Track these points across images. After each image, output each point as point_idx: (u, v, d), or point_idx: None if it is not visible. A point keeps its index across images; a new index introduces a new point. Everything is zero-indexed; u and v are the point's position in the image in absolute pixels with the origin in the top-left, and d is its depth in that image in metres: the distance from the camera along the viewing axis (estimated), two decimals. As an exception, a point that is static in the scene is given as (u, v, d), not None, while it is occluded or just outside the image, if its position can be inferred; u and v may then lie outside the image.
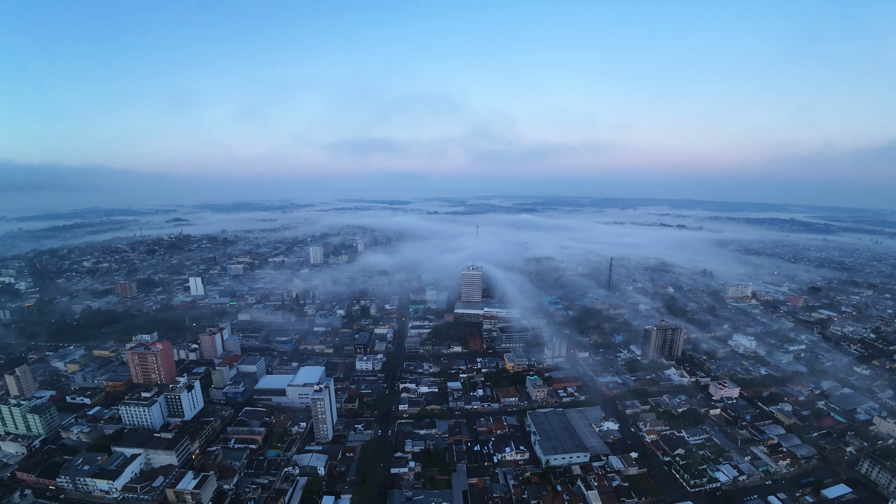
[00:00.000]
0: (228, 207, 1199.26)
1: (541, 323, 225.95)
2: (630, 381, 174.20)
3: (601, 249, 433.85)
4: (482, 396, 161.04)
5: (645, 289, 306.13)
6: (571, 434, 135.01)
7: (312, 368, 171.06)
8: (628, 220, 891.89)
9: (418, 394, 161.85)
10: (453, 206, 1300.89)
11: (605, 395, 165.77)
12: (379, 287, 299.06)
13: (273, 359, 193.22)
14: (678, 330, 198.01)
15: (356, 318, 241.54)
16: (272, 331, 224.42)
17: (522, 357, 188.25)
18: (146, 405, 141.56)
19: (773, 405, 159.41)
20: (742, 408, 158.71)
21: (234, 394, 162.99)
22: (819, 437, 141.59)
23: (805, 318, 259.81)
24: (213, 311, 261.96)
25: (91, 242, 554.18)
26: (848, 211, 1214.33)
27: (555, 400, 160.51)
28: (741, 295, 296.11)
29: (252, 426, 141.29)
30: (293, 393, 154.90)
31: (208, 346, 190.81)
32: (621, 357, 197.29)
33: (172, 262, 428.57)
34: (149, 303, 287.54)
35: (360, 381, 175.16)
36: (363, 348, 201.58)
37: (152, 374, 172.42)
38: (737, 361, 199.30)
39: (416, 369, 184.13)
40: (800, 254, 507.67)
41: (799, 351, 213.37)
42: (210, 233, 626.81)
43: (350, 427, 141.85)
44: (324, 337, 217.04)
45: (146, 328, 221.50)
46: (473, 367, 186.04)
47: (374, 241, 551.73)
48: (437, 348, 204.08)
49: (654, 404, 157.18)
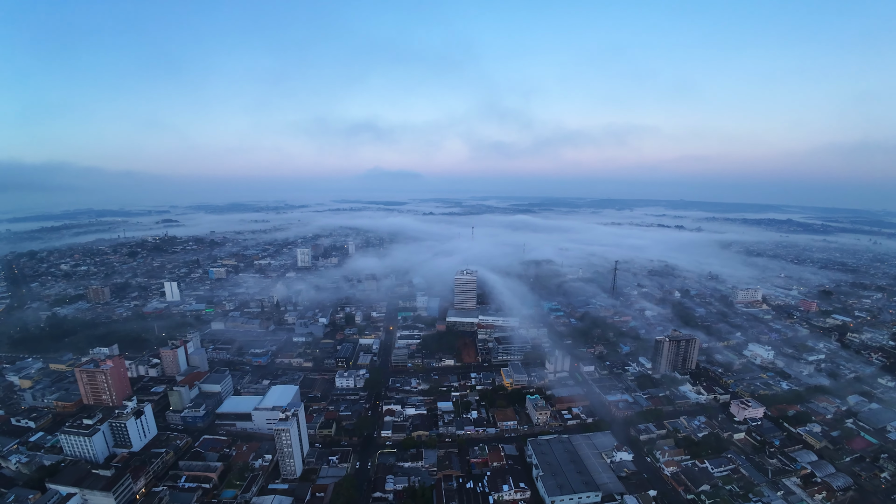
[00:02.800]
0: (222, 208, 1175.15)
1: (541, 333, 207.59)
2: (642, 399, 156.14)
3: (602, 251, 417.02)
4: (476, 419, 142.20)
5: (651, 294, 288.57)
6: (579, 467, 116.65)
7: (285, 388, 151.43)
8: (626, 221, 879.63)
9: (404, 417, 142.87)
10: (449, 206, 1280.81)
11: (614, 416, 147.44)
12: (367, 292, 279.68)
13: (244, 375, 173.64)
14: (693, 340, 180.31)
15: (340, 327, 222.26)
16: (247, 342, 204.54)
17: (521, 372, 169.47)
18: (87, 434, 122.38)
19: (801, 426, 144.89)
20: (768, 430, 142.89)
21: (194, 418, 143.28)
22: (852, 462, 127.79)
23: (820, 325, 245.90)
24: (187, 319, 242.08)
25: (73, 244, 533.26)
26: (843, 212, 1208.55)
27: (559, 423, 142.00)
28: (752, 300, 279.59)
29: (209, 459, 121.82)
30: (260, 418, 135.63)
31: (170, 361, 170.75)
32: (630, 371, 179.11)
33: (154, 264, 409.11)
34: (120, 310, 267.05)
35: (339, 400, 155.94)
36: (345, 362, 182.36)
37: (103, 395, 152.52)
38: (755, 374, 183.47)
39: (403, 386, 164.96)
40: (802, 255, 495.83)
41: (819, 361, 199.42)
42: (198, 234, 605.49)
43: (323, 459, 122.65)
44: (303, 349, 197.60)
45: (110, 339, 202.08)
46: (467, 384, 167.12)
47: (366, 242, 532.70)
48: (427, 361, 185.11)
49: (672, 429, 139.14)
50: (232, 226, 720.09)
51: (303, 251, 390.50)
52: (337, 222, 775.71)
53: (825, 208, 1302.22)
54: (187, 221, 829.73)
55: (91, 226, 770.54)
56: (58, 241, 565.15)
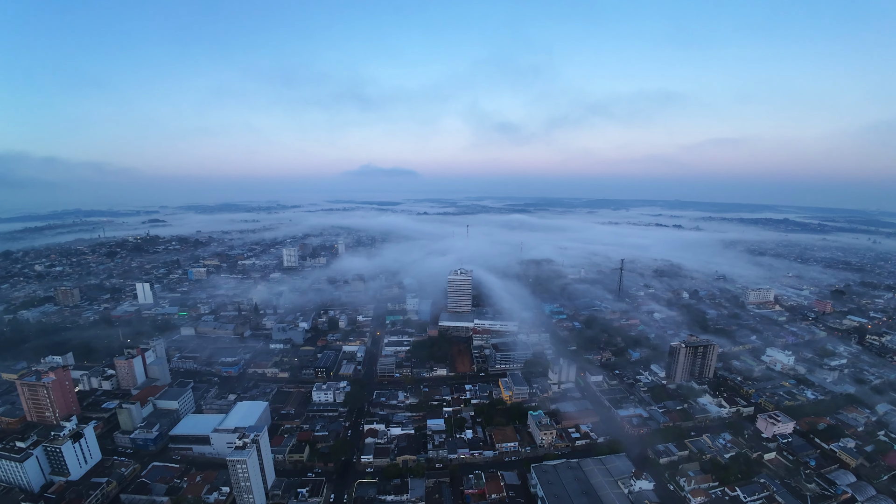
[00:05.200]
0: (213, 209, 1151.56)
1: (542, 338, 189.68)
2: (658, 413, 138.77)
3: (604, 251, 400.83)
4: (471, 440, 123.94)
5: (658, 295, 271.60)
6: (593, 499, 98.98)
7: (252, 405, 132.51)
8: (623, 221, 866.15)
9: (389, 437, 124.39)
10: (444, 206, 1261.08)
11: (628, 434, 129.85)
12: (353, 294, 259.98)
13: (210, 388, 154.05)
14: (711, 346, 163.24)
15: (322, 333, 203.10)
16: (218, 350, 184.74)
17: (522, 384, 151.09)
18: (18, 459, 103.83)
19: (833, 440, 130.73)
20: (800, 448, 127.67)
21: (145, 441, 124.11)
22: (890, 482, 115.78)
23: (837, 327, 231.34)
24: (157, 324, 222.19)
25: (52, 244, 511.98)
26: (837, 211, 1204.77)
27: (566, 444, 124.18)
28: (763, 300, 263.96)
29: (155, 492, 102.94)
30: (220, 441, 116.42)
31: (125, 372, 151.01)
32: (642, 381, 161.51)
33: (132, 265, 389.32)
34: (88, 313, 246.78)
35: (315, 417, 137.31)
36: (325, 372, 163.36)
37: (46, 412, 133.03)
38: (776, 383, 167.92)
39: (389, 401, 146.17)
40: (805, 254, 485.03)
41: (841, 366, 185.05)
42: (182, 234, 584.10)
43: (291, 492, 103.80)
44: (280, 357, 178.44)
45: (69, 346, 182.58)
46: (461, 398, 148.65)
47: (357, 242, 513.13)
48: (418, 371, 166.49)
49: (696, 450, 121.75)
50: (220, 226, 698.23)
51: (289, 251, 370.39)
52: (328, 222, 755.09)
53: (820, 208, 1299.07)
54: (175, 221, 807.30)
55: (75, 226, 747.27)
56: (39, 240, 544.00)
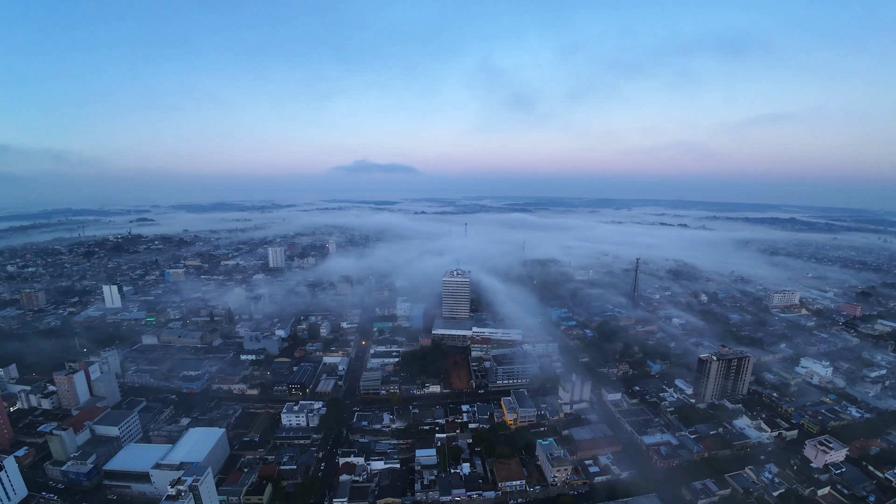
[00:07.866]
0: (205, 208, 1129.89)
1: (550, 348, 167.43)
2: (689, 440, 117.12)
3: (612, 250, 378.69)
4: (468, 477, 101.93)
5: (675, 298, 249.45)
6: (623, 564, 77.17)
7: (207, 431, 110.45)
8: (627, 220, 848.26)
9: (369, 474, 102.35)
10: (442, 206, 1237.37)
11: (657, 467, 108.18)
12: (340, 298, 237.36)
13: (164, 409, 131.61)
14: (745, 359, 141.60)
15: (301, 342, 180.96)
16: (181, 361, 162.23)
17: (528, 404, 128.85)
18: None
19: (888, 468, 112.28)
20: (854, 479, 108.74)
21: (77, 475, 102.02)
22: None
23: (870, 332, 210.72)
24: (122, 331, 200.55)
25: (29, 244, 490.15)
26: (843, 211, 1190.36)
27: (583, 480, 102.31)
28: (788, 303, 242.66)
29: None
30: (161, 479, 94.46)
31: (66, 390, 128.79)
32: (667, 399, 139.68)
33: (109, 266, 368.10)
34: (49, 318, 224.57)
35: (283, 446, 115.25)
36: (301, 388, 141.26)
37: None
38: (816, 399, 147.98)
39: (372, 424, 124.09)
40: (819, 253, 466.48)
41: (882, 377, 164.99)
42: (168, 233, 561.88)
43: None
44: (250, 370, 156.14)
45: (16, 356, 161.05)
46: (457, 421, 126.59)
47: (349, 241, 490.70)
48: (407, 388, 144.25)
49: (740, 488, 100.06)
50: (210, 224, 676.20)
51: (275, 250, 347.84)
52: (321, 220, 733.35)
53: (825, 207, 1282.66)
54: (164, 220, 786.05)
55: (59, 225, 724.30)
56: (19, 240, 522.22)
